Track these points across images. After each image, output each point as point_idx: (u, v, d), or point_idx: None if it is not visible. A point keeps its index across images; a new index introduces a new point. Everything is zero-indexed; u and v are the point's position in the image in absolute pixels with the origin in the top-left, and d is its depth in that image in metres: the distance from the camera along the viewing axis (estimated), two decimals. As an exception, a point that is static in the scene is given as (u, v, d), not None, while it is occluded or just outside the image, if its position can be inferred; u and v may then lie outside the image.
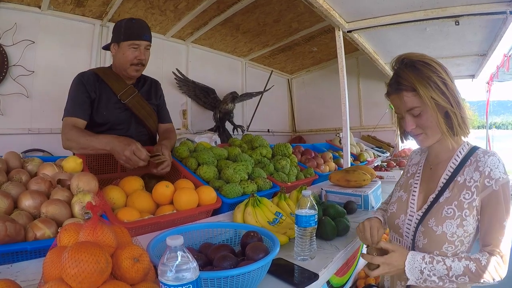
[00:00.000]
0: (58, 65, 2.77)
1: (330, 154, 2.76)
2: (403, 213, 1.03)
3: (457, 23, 2.25)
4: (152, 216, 1.14)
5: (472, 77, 4.18)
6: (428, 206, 0.97)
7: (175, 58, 3.74)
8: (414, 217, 1.00)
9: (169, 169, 1.43)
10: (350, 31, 2.55)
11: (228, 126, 4.03)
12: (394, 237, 1.08)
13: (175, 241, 0.57)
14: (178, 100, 3.83)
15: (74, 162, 1.24)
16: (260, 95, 4.58)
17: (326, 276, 0.98)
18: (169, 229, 0.98)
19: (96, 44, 3.02)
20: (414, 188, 1.05)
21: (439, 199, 0.95)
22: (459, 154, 0.97)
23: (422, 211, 0.98)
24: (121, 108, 1.61)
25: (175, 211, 1.19)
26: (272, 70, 4.97)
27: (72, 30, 2.87)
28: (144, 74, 1.76)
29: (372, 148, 4.13)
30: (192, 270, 0.57)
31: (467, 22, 2.28)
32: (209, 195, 1.29)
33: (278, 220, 1.26)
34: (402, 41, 2.89)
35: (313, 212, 1.01)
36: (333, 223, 1.23)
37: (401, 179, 1.18)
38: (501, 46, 2.90)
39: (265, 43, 4.15)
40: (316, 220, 1.02)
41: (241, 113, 4.67)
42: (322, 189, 1.79)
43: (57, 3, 2.64)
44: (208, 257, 0.88)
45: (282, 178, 1.79)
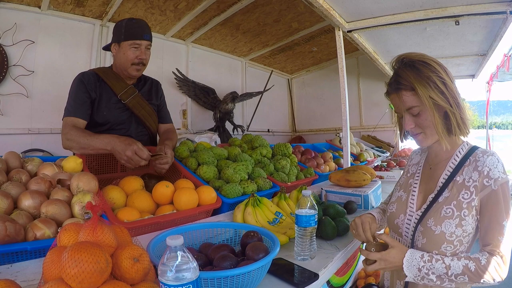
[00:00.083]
0: (58, 65, 2.78)
1: (330, 154, 2.76)
2: (403, 213, 1.04)
3: (457, 23, 2.25)
4: (152, 216, 1.14)
5: (472, 77, 4.17)
6: (427, 206, 0.97)
7: (175, 58, 3.74)
8: (413, 217, 1.00)
9: (167, 167, 1.43)
10: (350, 31, 2.55)
11: (228, 126, 4.03)
12: (393, 236, 1.08)
13: (175, 241, 0.57)
14: (178, 100, 3.83)
15: (74, 162, 1.24)
16: (260, 95, 4.58)
17: (326, 276, 0.98)
18: (169, 229, 0.98)
19: (96, 44, 3.02)
20: (413, 188, 1.06)
21: (438, 199, 0.95)
22: (459, 154, 0.97)
23: (421, 211, 0.98)
24: (121, 108, 1.61)
25: (175, 211, 1.19)
26: (272, 70, 4.98)
27: (72, 30, 2.87)
28: (144, 74, 1.76)
29: (372, 148, 4.13)
30: (192, 270, 0.57)
31: (467, 22, 2.28)
32: (209, 195, 1.29)
33: (278, 220, 1.26)
34: (402, 41, 2.89)
35: (313, 212, 1.01)
36: (333, 223, 1.23)
37: (401, 179, 1.18)
38: (501, 46, 2.91)
39: (265, 43, 4.15)
40: (316, 220, 1.02)
41: (241, 113, 4.67)
42: (322, 189, 1.79)
43: (57, 3, 2.64)
44: (208, 257, 0.88)
45: (282, 178, 1.79)
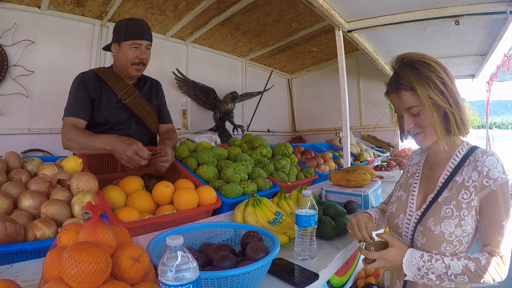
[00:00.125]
0: (58, 65, 2.78)
1: (330, 154, 2.76)
2: (402, 212, 1.04)
3: (457, 23, 2.25)
4: (152, 216, 1.14)
5: (472, 77, 4.17)
6: (426, 205, 0.97)
7: (175, 58, 3.74)
8: (413, 216, 1.00)
9: (168, 165, 1.43)
10: (350, 31, 2.55)
11: (228, 126, 4.03)
12: (393, 236, 1.08)
13: (175, 241, 0.57)
14: (178, 100, 3.83)
15: (74, 162, 1.24)
16: (260, 95, 4.58)
17: (326, 276, 0.98)
18: (169, 229, 0.98)
19: (96, 44, 3.02)
20: (413, 187, 1.06)
21: (438, 199, 0.95)
22: (458, 154, 0.97)
23: (421, 211, 0.98)
24: (121, 108, 1.61)
25: (175, 211, 1.19)
26: (272, 70, 4.97)
27: (72, 30, 2.87)
28: (144, 74, 1.76)
29: (372, 148, 4.13)
30: (192, 270, 0.57)
31: (467, 22, 2.28)
32: (209, 195, 1.29)
33: (278, 220, 1.26)
34: (402, 40, 2.89)
35: (313, 212, 1.01)
36: (333, 223, 1.23)
37: (401, 179, 1.18)
38: (501, 46, 2.91)
39: (265, 43, 4.15)
40: (316, 220, 1.02)
41: (241, 113, 4.67)
42: (322, 189, 1.79)
43: (56, 3, 2.64)
44: (208, 257, 0.88)
45: (282, 178, 1.79)
